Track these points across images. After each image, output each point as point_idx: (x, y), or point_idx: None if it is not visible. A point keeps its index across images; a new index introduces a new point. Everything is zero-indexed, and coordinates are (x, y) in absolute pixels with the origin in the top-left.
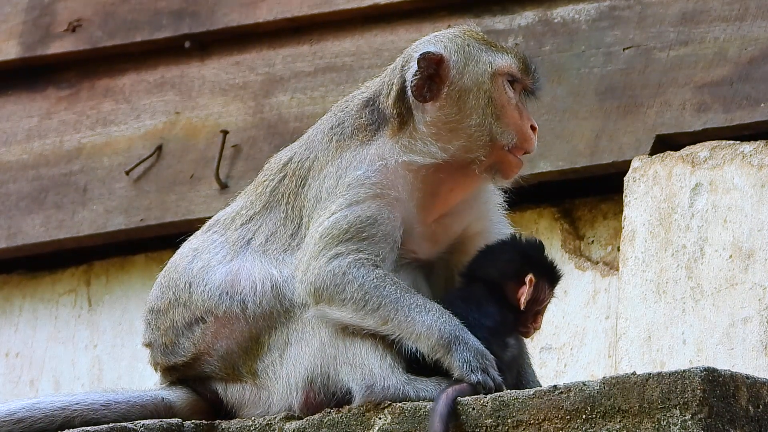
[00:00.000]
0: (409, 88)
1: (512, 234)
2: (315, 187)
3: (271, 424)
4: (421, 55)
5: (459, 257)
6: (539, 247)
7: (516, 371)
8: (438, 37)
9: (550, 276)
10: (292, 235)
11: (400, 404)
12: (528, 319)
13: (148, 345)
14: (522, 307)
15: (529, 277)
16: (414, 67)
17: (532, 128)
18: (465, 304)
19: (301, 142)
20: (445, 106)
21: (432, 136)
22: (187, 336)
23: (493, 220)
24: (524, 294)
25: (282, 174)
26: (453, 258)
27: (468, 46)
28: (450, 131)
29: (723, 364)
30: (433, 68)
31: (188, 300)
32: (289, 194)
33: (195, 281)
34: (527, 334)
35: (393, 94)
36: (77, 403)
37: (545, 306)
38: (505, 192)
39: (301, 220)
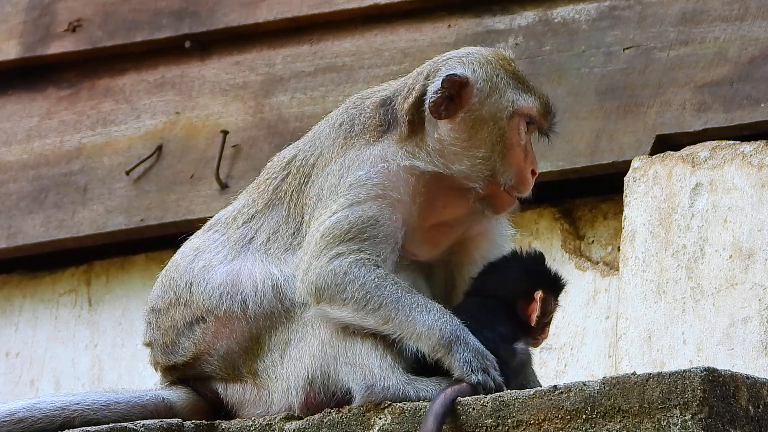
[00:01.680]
0: (427, 101)
1: (513, 250)
2: (318, 185)
3: (271, 424)
4: (447, 76)
5: (459, 258)
6: (541, 259)
7: (521, 377)
8: (471, 57)
9: (555, 288)
10: (294, 233)
11: (400, 404)
12: (538, 332)
13: (149, 344)
14: (533, 323)
15: (539, 294)
16: (438, 84)
17: (533, 172)
18: (478, 310)
19: (306, 139)
20: (457, 129)
21: (437, 152)
22: (188, 335)
23: (493, 222)
24: (535, 311)
25: (286, 172)
26: (453, 259)
27: (497, 77)
28: (454, 154)
29: (723, 364)
30: (455, 89)
31: (189, 299)
32: (292, 192)
33: (196, 281)
34: (536, 344)
35: (411, 99)
36: (77, 403)
37: (551, 319)
38: None
39: (303, 218)
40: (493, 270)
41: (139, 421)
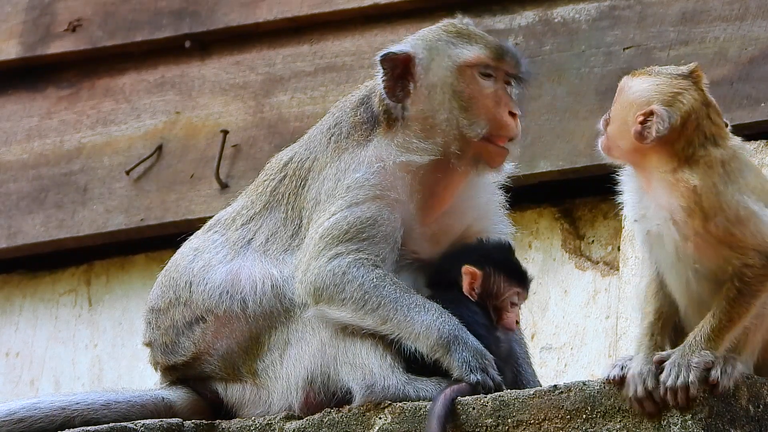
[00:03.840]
0: (381, 91)
1: (479, 238)
2: (314, 189)
3: (271, 423)
4: (381, 56)
5: None
6: (502, 247)
7: (513, 365)
8: (412, 36)
9: (508, 272)
10: (293, 235)
11: (400, 404)
12: (490, 314)
13: (149, 344)
14: (473, 297)
15: (466, 268)
16: (379, 69)
17: (512, 114)
18: (455, 306)
19: (301, 142)
20: (417, 102)
21: (418, 132)
22: (188, 335)
23: (493, 220)
24: (465, 284)
25: (282, 174)
26: None
27: (438, 41)
28: (430, 127)
29: None
30: (400, 68)
31: (189, 299)
32: (289, 195)
33: (196, 280)
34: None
35: (377, 93)
36: (77, 403)
37: (505, 302)
38: (506, 192)
39: (301, 221)
40: (453, 251)
41: (139, 421)
